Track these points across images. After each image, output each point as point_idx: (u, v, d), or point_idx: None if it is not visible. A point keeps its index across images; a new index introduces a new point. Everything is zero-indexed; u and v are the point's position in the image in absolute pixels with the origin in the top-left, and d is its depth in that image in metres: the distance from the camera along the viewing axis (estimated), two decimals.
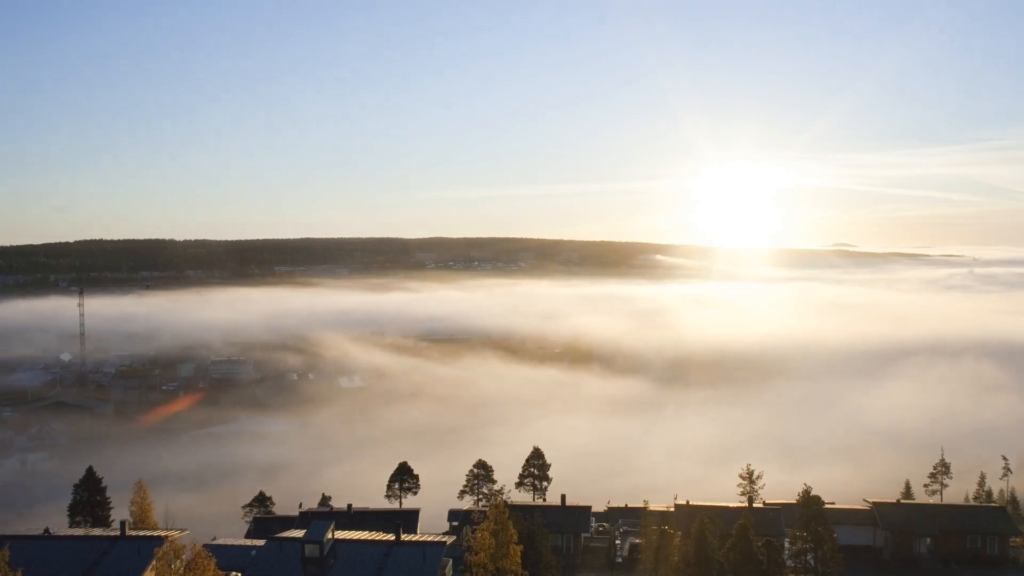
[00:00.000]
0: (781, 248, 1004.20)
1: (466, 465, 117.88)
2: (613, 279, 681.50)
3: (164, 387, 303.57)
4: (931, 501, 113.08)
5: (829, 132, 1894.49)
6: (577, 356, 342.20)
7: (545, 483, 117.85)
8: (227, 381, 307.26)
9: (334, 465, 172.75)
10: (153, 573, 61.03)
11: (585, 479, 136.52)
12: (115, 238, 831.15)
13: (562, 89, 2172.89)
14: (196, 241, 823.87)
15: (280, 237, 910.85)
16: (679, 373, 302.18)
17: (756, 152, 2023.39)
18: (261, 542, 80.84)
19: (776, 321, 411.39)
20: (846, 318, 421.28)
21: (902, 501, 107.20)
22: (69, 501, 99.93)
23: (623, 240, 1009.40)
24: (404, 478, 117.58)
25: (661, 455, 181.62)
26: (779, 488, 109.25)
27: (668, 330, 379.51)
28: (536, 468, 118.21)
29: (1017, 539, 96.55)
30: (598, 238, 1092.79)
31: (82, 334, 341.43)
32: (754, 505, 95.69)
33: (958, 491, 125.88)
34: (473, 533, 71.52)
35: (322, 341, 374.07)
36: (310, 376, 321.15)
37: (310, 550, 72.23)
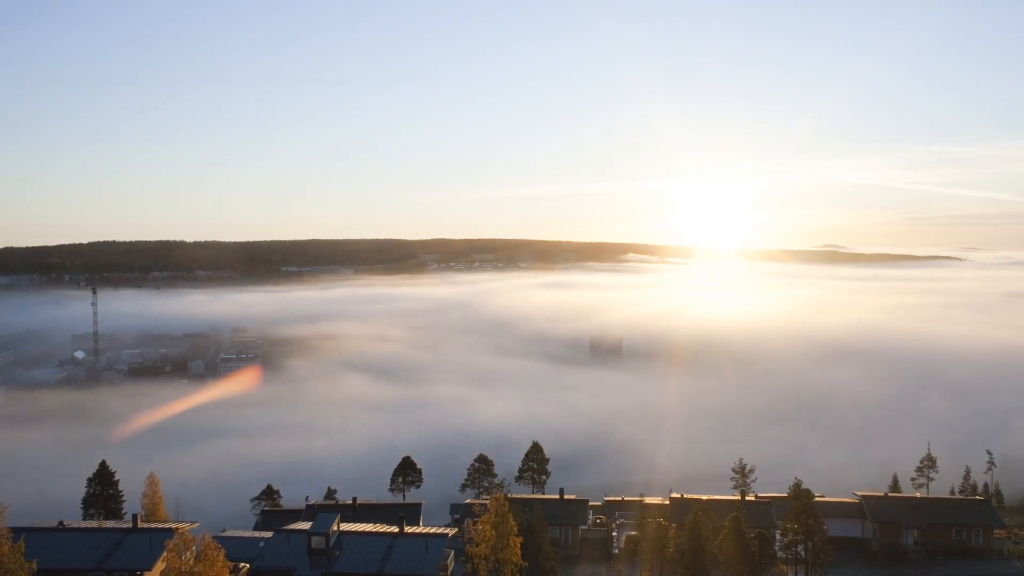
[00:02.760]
0: (773, 249, 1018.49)
1: (467, 459, 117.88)
2: (604, 276, 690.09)
3: (175, 385, 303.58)
4: (918, 494, 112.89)
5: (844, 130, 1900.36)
6: (572, 349, 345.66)
7: (544, 477, 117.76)
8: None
9: (339, 459, 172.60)
10: (164, 564, 60.94)
11: (583, 473, 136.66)
12: (127, 239, 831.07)
13: (561, 97, 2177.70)
14: (205, 243, 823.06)
15: (287, 239, 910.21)
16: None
17: (754, 154, 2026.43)
18: (269, 534, 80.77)
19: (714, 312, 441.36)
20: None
21: (890, 494, 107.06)
22: (83, 494, 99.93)
23: (617, 241, 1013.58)
24: (407, 472, 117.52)
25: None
26: (770, 481, 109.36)
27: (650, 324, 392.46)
28: (535, 462, 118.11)
29: (1001, 531, 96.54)
30: (594, 239, 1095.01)
31: (95, 332, 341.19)
32: (746, 498, 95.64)
33: (944, 485, 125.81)
34: (474, 525, 71.44)
35: (328, 339, 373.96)
36: (316, 373, 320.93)
37: (316, 542, 72.19)
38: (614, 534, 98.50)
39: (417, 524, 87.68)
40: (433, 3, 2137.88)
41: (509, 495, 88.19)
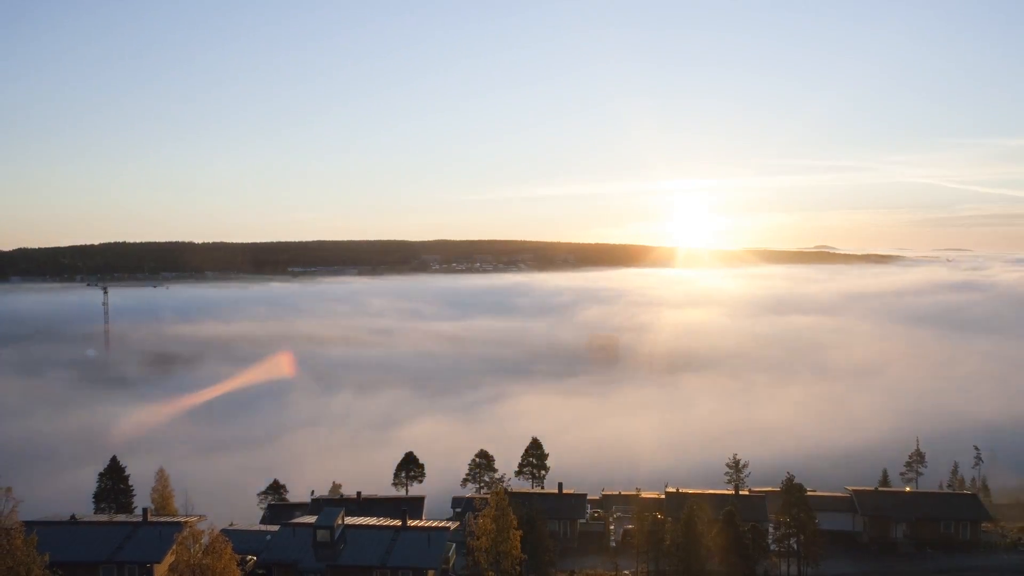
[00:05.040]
0: (766, 249, 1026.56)
1: (468, 455, 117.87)
2: (599, 276, 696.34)
3: (185, 380, 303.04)
4: (907, 489, 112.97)
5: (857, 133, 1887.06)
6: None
7: (543, 472, 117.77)
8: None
9: (345, 454, 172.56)
10: (173, 556, 60.98)
11: (581, 467, 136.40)
12: (137, 240, 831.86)
13: (560, 103, 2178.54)
14: (214, 244, 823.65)
15: (293, 240, 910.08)
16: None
17: (754, 156, 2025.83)
18: (275, 527, 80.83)
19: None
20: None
21: (880, 489, 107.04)
22: (94, 489, 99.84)
23: (614, 243, 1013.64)
24: (410, 467, 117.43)
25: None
26: (764, 476, 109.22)
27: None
28: (535, 458, 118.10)
29: (988, 524, 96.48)
30: (592, 240, 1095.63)
31: (107, 331, 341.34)
32: (740, 492, 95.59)
33: (932, 479, 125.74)
34: (475, 519, 71.45)
35: (334, 339, 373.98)
36: (322, 371, 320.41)
37: (321, 535, 72.24)
38: (611, 527, 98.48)
39: (420, 518, 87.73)
40: (439, 11, 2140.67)
41: (509, 489, 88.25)
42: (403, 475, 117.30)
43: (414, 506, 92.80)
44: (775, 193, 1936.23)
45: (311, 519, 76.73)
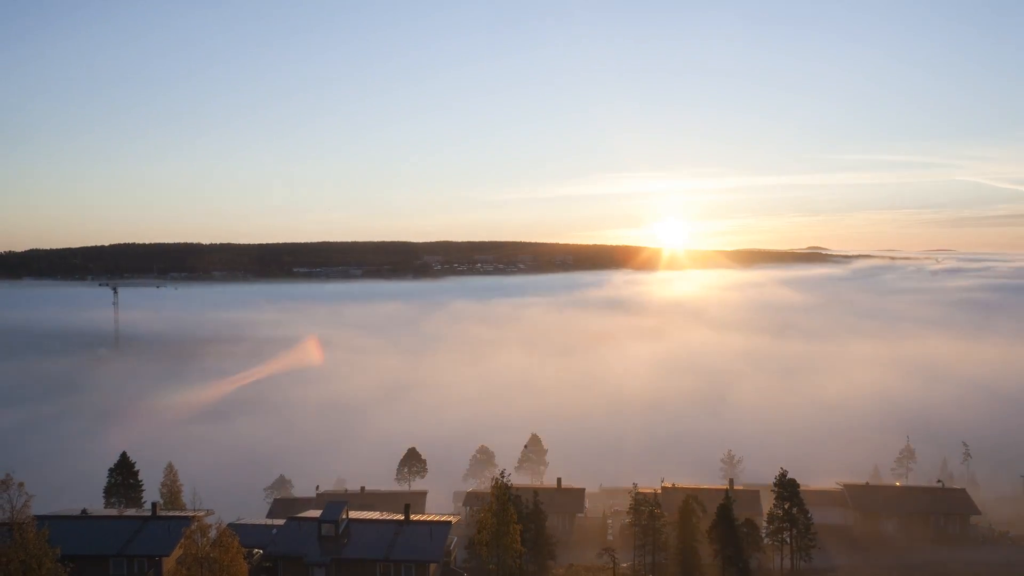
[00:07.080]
0: (761, 249, 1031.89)
1: (470, 450, 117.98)
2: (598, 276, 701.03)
3: (193, 379, 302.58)
4: (897, 484, 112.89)
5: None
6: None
7: (542, 467, 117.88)
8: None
9: (348, 450, 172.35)
10: (182, 550, 60.95)
11: (580, 463, 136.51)
12: (146, 242, 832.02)
13: (556, 106, 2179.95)
14: (221, 245, 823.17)
15: (298, 241, 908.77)
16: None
17: (757, 159, 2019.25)
18: (281, 521, 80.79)
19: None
20: None
21: (871, 484, 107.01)
22: (104, 484, 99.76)
23: (613, 244, 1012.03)
24: (412, 462, 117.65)
25: None
26: (758, 471, 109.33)
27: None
28: (534, 453, 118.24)
29: (976, 518, 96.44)
30: (593, 241, 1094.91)
31: (116, 331, 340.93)
32: (735, 487, 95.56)
33: (922, 474, 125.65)
34: (476, 513, 71.38)
35: (338, 339, 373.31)
36: (327, 372, 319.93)
37: (326, 529, 72.23)
38: (609, 521, 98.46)
39: (422, 512, 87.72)
40: (440, 15, 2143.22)
41: (509, 484, 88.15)
42: (406, 470, 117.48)
43: (417, 501, 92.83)
44: (793, 191, 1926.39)
45: (316, 513, 76.71)
